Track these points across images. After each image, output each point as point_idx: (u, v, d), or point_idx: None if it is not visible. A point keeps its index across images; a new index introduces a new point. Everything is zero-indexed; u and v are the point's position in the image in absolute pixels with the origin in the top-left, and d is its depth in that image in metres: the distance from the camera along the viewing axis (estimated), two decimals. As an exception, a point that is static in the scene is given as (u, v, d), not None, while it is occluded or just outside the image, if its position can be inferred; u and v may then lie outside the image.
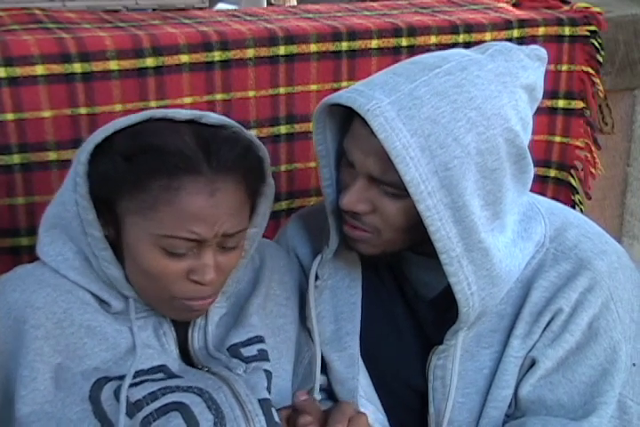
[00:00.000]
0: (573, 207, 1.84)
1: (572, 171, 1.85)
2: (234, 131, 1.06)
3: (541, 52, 1.15)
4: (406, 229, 1.10)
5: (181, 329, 1.13)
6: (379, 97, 1.02)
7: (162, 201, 1.00)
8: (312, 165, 1.65)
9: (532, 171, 1.12)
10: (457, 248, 1.05)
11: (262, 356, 1.14)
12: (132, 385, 1.03)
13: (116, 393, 1.03)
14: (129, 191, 1.01)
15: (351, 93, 1.04)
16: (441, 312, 1.20)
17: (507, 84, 1.06)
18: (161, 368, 1.08)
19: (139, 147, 1.01)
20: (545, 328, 1.14)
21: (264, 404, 1.07)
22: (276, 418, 1.08)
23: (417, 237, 1.11)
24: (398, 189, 1.05)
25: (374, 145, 1.03)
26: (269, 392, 1.10)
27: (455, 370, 1.15)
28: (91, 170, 1.04)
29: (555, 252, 1.16)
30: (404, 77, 1.04)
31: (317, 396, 1.22)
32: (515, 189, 1.11)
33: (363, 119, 1.02)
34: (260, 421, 1.05)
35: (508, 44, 1.12)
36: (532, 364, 1.15)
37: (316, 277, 1.24)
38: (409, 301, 1.24)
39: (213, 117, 1.06)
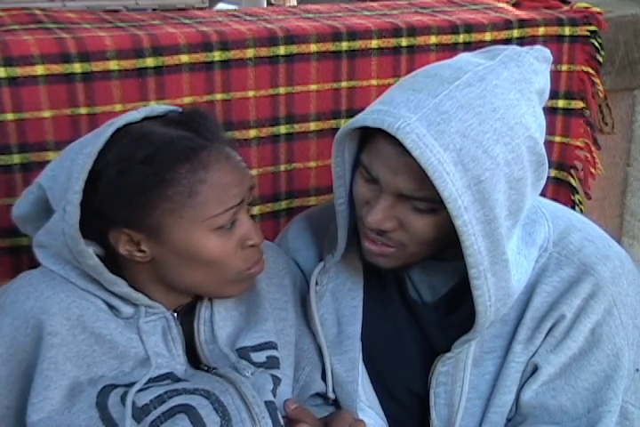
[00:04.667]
0: (573, 208, 1.84)
1: (572, 171, 1.85)
2: (184, 109, 1.12)
3: (546, 53, 1.13)
4: (432, 242, 1.09)
5: (188, 324, 1.13)
6: (405, 115, 0.99)
7: (197, 183, 1.02)
8: (311, 164, 1.65)
9: (546, 177, 1.11)
10: (485, 262, 1.03)
11: (271, 364, 1.14)
12: (138, 390, 1.04)
13: (123, 399, 1.03)
14: (161, 192, 1.01)
15: (376, 115, 1.02)
16: (443, 315, 1.20)
17: (523, 92, 1.05)
18: (168, 375, 1.08)
19: (147, 148, 1.02)
20: (547, 334, 1.14)
21: (270, 406, 1.08)
22: (282, 421, 1.08)
23: (439, 248, 1.11)
24: (430, 204, 1.04)
25: (405, 163, 1.01)
26: (274, 396, 1.10)
27: (466, 380, 1.15)
28: (95, 196, 1.02)
29: (558, 256, 1.15)
30: (425, 93, 1.01)
31: (332, 396, 1.24)
32: (532, 196, 1.10)
33: (388, 138, 1.01)
34: (267, 423, 1.06)
35: (516, 47, 1.11)
36: (535, 370, 1.15)
37: (316, 283, 1.24)
38: (410, 303, 1.23)
39: (160, 107, 1.11)
